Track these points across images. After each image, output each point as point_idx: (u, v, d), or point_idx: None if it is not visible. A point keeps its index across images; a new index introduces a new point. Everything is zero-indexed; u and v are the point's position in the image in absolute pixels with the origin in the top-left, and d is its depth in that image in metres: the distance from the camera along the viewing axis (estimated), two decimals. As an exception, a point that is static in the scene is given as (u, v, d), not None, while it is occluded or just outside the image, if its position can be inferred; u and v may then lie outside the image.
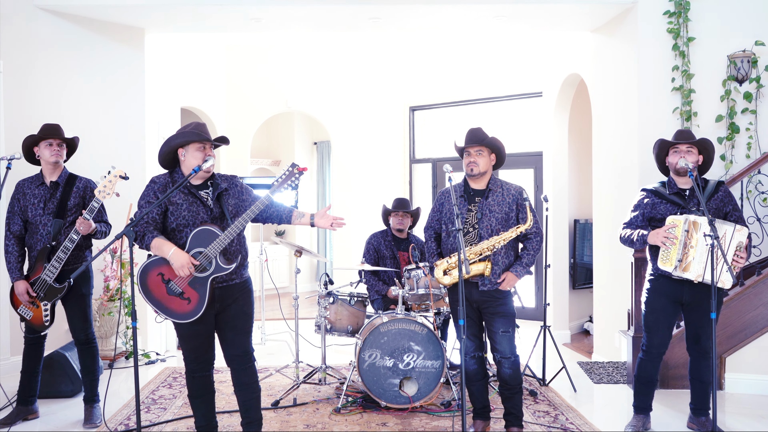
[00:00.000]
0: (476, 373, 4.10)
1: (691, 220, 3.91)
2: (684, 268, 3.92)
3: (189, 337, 3.64)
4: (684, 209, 4.04)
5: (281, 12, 5.95)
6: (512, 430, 4.10)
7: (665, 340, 4.15)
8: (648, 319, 4.17)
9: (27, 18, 5.68)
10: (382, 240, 5.56)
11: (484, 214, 3.99)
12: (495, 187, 4.06)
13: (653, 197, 4.17)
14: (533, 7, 5.80)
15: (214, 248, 3.44)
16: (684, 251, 3.91)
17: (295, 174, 3.57)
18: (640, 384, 4.24)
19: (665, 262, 3.98)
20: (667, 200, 4.11)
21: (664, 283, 4.10)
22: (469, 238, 4.00)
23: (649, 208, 4.16)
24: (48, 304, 4.28)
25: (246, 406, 3.74)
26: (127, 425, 4.37)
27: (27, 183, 4.38)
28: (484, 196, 4.03)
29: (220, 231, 3.46)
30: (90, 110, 6.04)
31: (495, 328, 3.98)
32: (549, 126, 7.49)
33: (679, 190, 4.11)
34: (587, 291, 7.61)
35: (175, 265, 3.42)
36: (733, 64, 5.47)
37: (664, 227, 3.98)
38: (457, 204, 3.72)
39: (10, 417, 4.40)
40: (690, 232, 3.90)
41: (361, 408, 4.66)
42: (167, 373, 5.71)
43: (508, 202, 4.03)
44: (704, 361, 4.13)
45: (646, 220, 4.18)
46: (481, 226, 3.98)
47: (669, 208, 4.09)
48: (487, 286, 3.96)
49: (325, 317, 5.11)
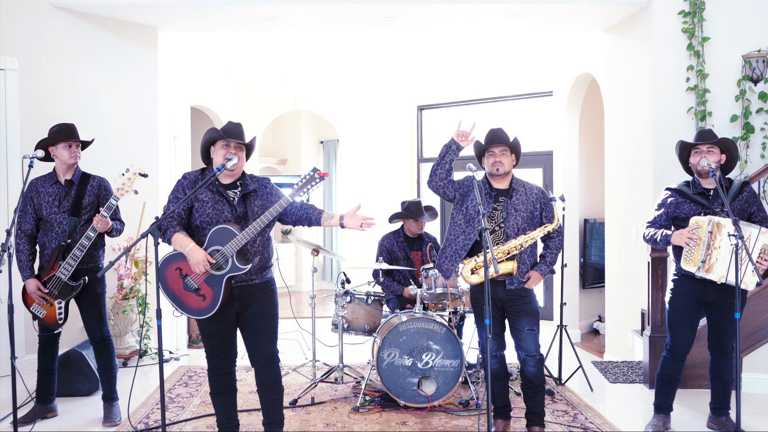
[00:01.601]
0: (498, 372, 4.11)
1: (714, 221, 3.90)
2: (707, 269, 3.92)
3: (210, 334, 3.64)
4: (708, 210, 4.03)
5: (295, 10, 5.95)
6: (534, 429, 4.10)
7: (689, 339, 4.14)
8: (671, 319, 4.17)
9: (42, 16, 5.67)
10: (394, 241, 5.53)
11: (510, 213, 4.00)
12: (518, 187, 4.08)
13: (677, 196, 4.17)
14: (547, 6, 5.80)
15: (231, 247, 3.44)
16: (707, 252, 3.91)
17: (315, 179, 3.57)
18: (663, 383, 4.24)
19: (688, 263, 3.98)
20: (691, 200, 4.10)
21: (687, 283, 4.09)
22: (496, 237, 4.01)
23: (673, 208, 4.15)
24: (62, 302, 4.28)
25: (268, 407, 3.74)
26: (147, 423, 4.37)
27: (40, 181, 4.37)
28: (508, 196, 4.05)
29: (239, 231, 3.46)
30: (104, 108, 6.03)
31: (520, 326, 4.00)
32: (559, 125, 7.50)
33: (703, 190, 4.09)
34: (596, 290, 7.63)
35: (191, 261, 3.43)
36: (748, 64, 5.48)
37: (687, 228, 3.97)
38: (483, 202, 3.71)
39: (29, 415, 4.40)
40: (713, 233, 3.89)
41: (380, 407, 4.66)
42: (182, 371, 5.71)
43: (532, 201, 4.05)
44: (725, 360, 4.13)
45: (669, 220, 4.17)
46: (508, 225, 3.99)
47: (693, 208, 4.08)
48: (515, 284, 3.98)
49: (342, 316, 5.11)
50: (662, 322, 5.15)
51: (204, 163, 3.75)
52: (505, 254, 3.96)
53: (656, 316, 5.17)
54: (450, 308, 4.99)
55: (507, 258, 3.96)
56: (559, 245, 4.09)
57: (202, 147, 3.68)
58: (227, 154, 3.56)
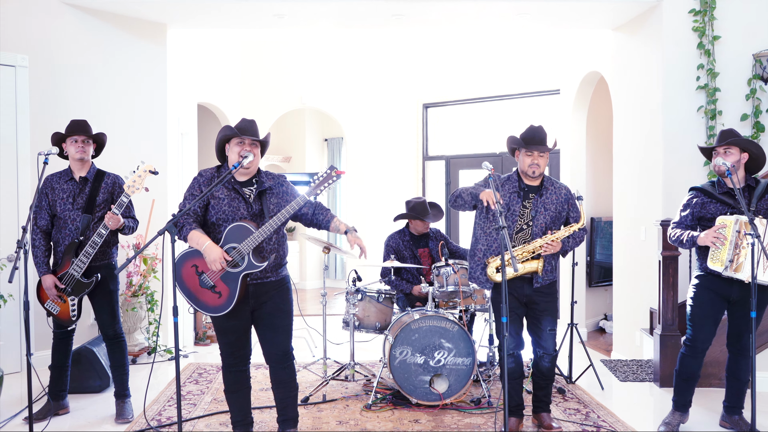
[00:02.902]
0: (514, 371, 4.14)
1: (742, 220, 3.87)
2: (735, 269, 3.89)
3: (225, 331, 3.65)
4: (734, 209, 4.01)
5: (305, 8, 5.94)
6: (542, 415, 4.24)
7: (710, 335, 4.12)
8: (694, 313, 4.13)
9: (52, 13, 5.66)
10: (400, 240, 5.52)
11: (539, 212, 4.03)
12: (548, 185, 4.11)
13: (703, 197, 4.14)
14: (557, 5, 5.80)
15: (247, 245, 3.45)
16: (735, 252, 3.89)
17: (332, 177, 3.56)
18: (681, 380, 4.22)
19: (715, 262, 3.95)
20: (717, 200, 4.08)
21: (713, 280, 4.06)
22: (523, 234, 4.04)
23: (699, 208, 4.13)
24: (75, 299, 4.28)
25: (283, 404, 3.74)
26: (159, 420, 4.37)
27: (55, 178, 4.38)
28: (539, 194, 4.06)
29: (255, 228, 3.46)
30: (114, 106, 6.02)
31: (543, 326, 4.07)
32: (567, 124, 7.49)
33: (728, 190, 4.06)
34: (602, 289, 7.64)
35: (207, 258, 3.44)
36: (759, 63, 5.48)
37: (713, 228, 3.95)
38: (499, 202, 3.70)
39: (42, 412, 4.39)
40: (741, 232, 3.86)
41: (392, 405, 4.66)
42: (192, 369, 5.71)
43: (561, 201, 4.09)
44: (743, 359, 4.13)
45: (695, 220, 4.16)
46: (536, 224, 4.02)
47: (719, 208, 4.07)
48: (540, 282, 4.03)
49: (353, 314, 5.11)
50: (673, 321, 5.15)
51: (219, 160, 3.75)
52: (530, 253, 3.99)
53: (667, 314, 5.18)
54: (461, 306, 4.99)
55: (532, 257, 3.99)
56: (580, 239, 4.14)
57: (217, 145, 3.69)
58: (242, 151, 3.56)
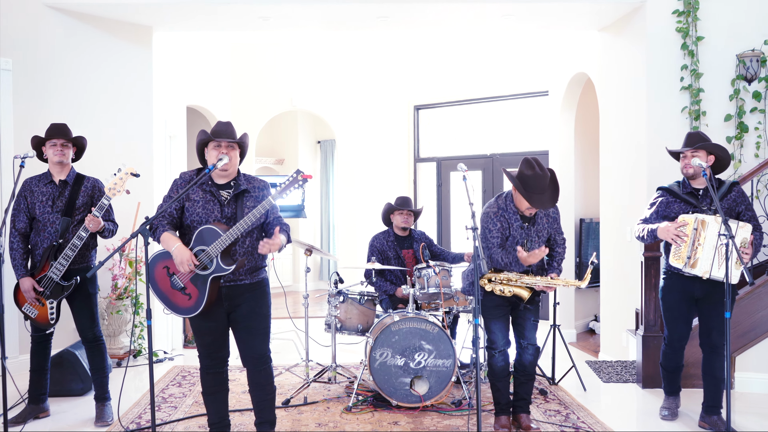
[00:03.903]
0: (503, 370, 4.17)
1: (700, 218, 4.04)
2: (692, 265, 4.07)
3: (202, 332, 3.66)
4: (696, 208, 4.17)
5: (289, 10, 5.94)
6: (521, 416, 4.24)
7: (685, 333, 4.34)
8: (667, 316, 4.37)
9: (35, 16, 5.66)
10: (384, 241, 5.52)
11: (533, 241, 4.14)
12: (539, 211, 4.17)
13: (668, 196, 4.32)
14: (541, 6, 5.80)
15: (215, 248, 3.45)
16: (693, 249, 4.05)
17: (298, 180, 3.54)
18: (667, 372, 4.48)
19: (677, 259, 4.12)
20: (681, 199, 4.25)
21: (677, 279, 4.25)
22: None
23: (664, 207, 4.31)
24: (54, 302, 4.28)
25: (260, 407, 3.74)
26: (139, 423, 4.37)
27: (34, 181, 4.38)
28: (531, 222, 4.14)
29: (224, 231, 3.46)
30: (98, 109, 6.03)
31: (527, 316, 4.17)
32: (555, 125, 7.49)
33: (692, 190, 4.24)
34: (592, 290, 7.62)
35: (176, 260, 3.46)
36: (742, 64, 5.47)
37: (673, 223, 4.11)
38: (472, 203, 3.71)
39: (21, 415, 4.40)
40: (699, 230, 4.04)
41: (372, 407, 4.66)
42: (176, 371, 5.71)
43: (550, 222, 4.22)
44: (716, 357, 4.22)
45: (660, 218, 4.31)
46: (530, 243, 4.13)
47: (682, 207, 4.23)
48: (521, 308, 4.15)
49: (335, 316, 5.11)
50: (655, 321, 5.16)
51: (201, 164, 3.77)
52: (525, 284, 4.07)
53: (649, 315, 5.17)
54: (443, 308, 4.99)
55: (526, 286, 4.07)
56: (563, 254, 4.28)
57: (197, 150, 3.72)
58: (218, 154, 3.57)
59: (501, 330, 4.16)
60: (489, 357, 4.21)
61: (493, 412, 4.28)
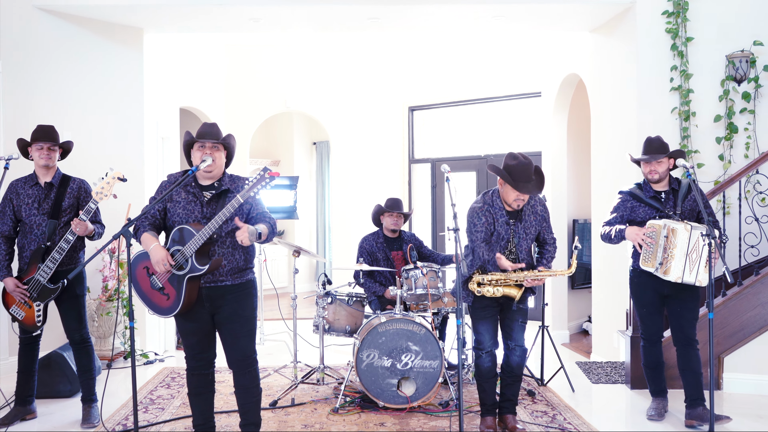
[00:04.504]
0: (489, 371, 4.17)
1: (670, 227, 4.14)
2: (665, 271, 4.16)
3: (186, 333, 3.68)
4: (662, 212, 4.27)
5: (280, 12, 5.95)
6: (507, 417, 4.23)
7: (661, 325, 4.44)
8: (640, 312, 4.47)
9: (25, 18, 5.67)
10: (374, 242, 5.52)
11: (521, 238, 4.12)
12: (526, 209, 4.15)
13: (632, 200, 4.40)
14: (532, 7, 5.80)
15: (189, 247, 3.46)
16: (664, 255, 4.14)
17: (265, 179, 3.47)
18: (650, 369, 4.50)
19: (647, 263, 4.22)
20: (645, 203, 4.33)
21: (646, 277, 4.34)
22: (508, 254, 4.13)
23: (629, 211, 4.39)
24: (41, 304, 4.28)
25: (245, 409, 3.74)
26: (125, 425, 4.37)
27: (20, 183, 4.38)
28: (518, 219, 4.13)
29: (197, 231, 3.46)
30: (88, 110, 6.03)
31: (515, 318, 4.16)
32: (548, 126, 7.49)
33: (655, 194, 4.34)
34: (586, 291, 7.61)
35: (152, 260, 3.48)
36: (732, 64, 5.47)
37: (642, 228, 4.22)
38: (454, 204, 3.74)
39: (8, 417, 4.40)
40: (669, 237, 4.13)
41: (359, 408, 4.66)
42: (165, 373, 5.71)
43: (538, 221, 4.18)
44: (691, 350, 4.30)
45: (625, 222, 4.40)
46: (519, 249, 4.13)
47: (647, 212, 4.33)
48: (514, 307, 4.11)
49: (323, 317, 5.11)
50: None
51: (189, 165, 3.76)
52: (513, 281, 4.05)
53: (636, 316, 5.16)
54: (431, 309, 4.98)
55: (515, 284, 4.06)
56: (553, 252, 4.26)
57: (184, 151, 3.74)
58: (202, 155, 3.57)
59: (488, 331, 4.16)
60: (476, 357, 4.21)
61: (480, 413, 4.29)
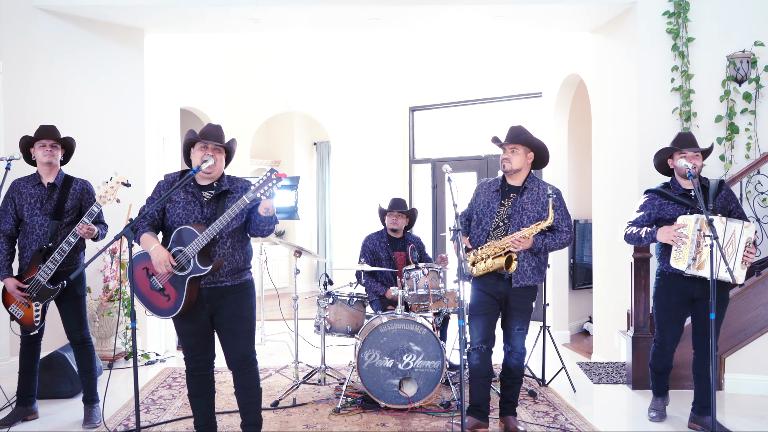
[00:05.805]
0: (478, 370, 4.13)
1: (702, 219, 3.97)
2: (698, 267, 4.00)
3: (185, 334, 3.67)
4: (692, 209, 4.14)
5: (280, 12, 5.95)
6: (508, 418, 4.22)
7: (677, 335, 4.32)
8: (660, 317, 4.31)
9: (26, 18, 5.68)
10: (377, 241, 5.53)
11: (516, 211, 4.07)
12: (531, 186, 4.14)
13: (660, 198, 4.28)
14: (533, 8, 5.80)
15: (192, 248, 3.45)
16: (697, 250, 4.00)
17: (272, 180, 3.43)
18: (656, 373, 4.45)
19: (678, 261, 4.06)
20: (675, 201, 4.22)
21: (675, 281, 4.20)
22: (498, 232, 4.11)
23: (657, 209, 4.27)
24: (40, 304, 4.27)
25: (245, 410, 3.74)
26: (127, 425, 4.37)
27: (23, 182, 4.38)
28: (519, 193, 4.10)
29: (201, 232, 3.46)
30: (89, 111, 6.03)
31: (512, 324, 4.13)
32: (548, 126, 7.49)
33: (684, 191, 4.22)
34: (587, 291, 7.61)
35: (153, 261, 3.47)
36: (733, 65, 5.47)
37: (674, 225, 4.06)
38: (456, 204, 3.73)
39: (9, 417, 4.40)
40: (702, 231, 3.97)
41: (361, 408, 4.66)
42: (167, 373, 5.71)
43: (542, 202, 4.09)
44: (710, 359, 4.15)
45: (652, 221, 4.28)
46: (512, 222, 4.07)
47: (677, 209, 4.20)
48: (519, 283, 4.05)
49: (324, 318, 5.11)
50: (645, 323, 5.15)
51: (187, 165, 3.76)
52: (501, 249, 4.02)
53: (639, 317, 5.17)
54: (433, 309, 4.98)
55: (503, 253, 4.01)
56: (560, 241, 4.10)
57: (183, 149, 3.73)
58: (204, 156, 3.57)
59: (478, 327, 4.10)
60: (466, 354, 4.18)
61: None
